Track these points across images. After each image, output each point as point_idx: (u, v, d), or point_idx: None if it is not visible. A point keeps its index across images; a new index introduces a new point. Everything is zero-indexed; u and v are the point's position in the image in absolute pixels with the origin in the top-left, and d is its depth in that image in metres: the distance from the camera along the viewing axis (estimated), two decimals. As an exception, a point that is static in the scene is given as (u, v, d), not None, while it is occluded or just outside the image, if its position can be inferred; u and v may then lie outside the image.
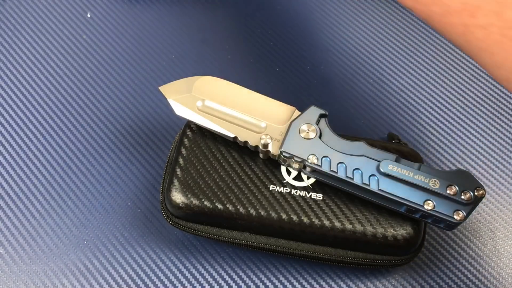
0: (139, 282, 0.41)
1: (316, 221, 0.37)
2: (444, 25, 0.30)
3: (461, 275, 0.41)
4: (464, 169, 0.42)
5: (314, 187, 0.38)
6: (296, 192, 0.38)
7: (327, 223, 0.37)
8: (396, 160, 0.36)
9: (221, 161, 0.39)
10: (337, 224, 0.37)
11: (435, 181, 0.35)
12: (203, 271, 0.42)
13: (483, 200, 0.44)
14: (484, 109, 0.49)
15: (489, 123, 0.48)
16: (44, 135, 0.47)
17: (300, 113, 0.39)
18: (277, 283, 0.41)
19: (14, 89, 0.50)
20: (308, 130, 0.37)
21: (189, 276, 0.41)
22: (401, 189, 0.35)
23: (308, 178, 0.39)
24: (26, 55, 0.52)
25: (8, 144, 0.47)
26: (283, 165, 0.39)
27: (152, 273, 0.41)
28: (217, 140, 0.40)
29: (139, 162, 0.46)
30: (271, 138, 0.38)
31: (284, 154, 0.37)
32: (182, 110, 0.40)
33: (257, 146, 0.38)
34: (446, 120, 0.48)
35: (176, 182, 0.38)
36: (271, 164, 0.39)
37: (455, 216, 0.35)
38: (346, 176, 0.36)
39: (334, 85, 0.50)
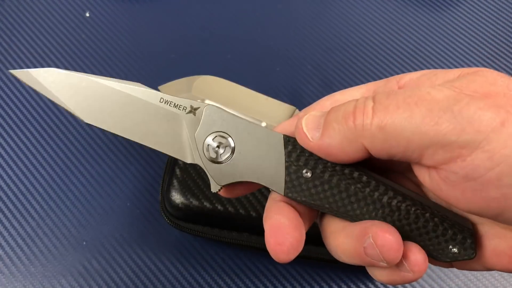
0: (138, 283, 0.41)
1: (317, 221, 0.37)
2: None
3: (462, 276, 0.41)
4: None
5: (314, 188, 0.38)
6: (297, 192, 0.38)
7: (327, 223, 0.37)
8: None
9: (221, 161, 0.39)
10: (338, 224, 0.37)
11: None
12: (202, 272, 0.41)
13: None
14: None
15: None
16: (43, 135, 0.47)
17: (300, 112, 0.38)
18: (277, 284, 0.41)
19: (13, 89, 0.49)
20: (308, 130, 0.37)
21: (189, 277, 0.41)
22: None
23: (309, 178, 0.38)
24: (25, 55, 0.51)
25: (7, 145, 0.47)
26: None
27: (152, 274, 0.41)
28: (217, 140, 0.40)
29: (138, 163, 0.46)
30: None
31: (284, 154, 0.37)
32: (182, 110, 0.39)
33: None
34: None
35: (175, 182, 0.38)
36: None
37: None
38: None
39: (335, 85, 0.50)
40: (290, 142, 0.23)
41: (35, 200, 0.44)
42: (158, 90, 0.41)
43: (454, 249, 0.22)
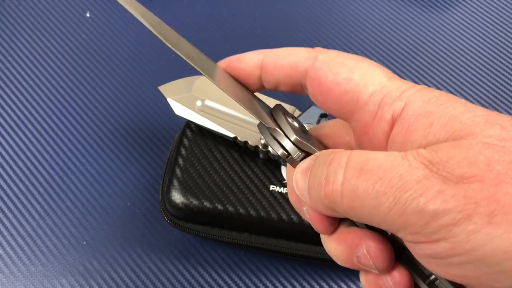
0: (138, 283, 0.41)
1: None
2: None
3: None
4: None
5: (314, 188, 0.38)
6: (297, 192, 0.38)
7: (327, 223, 0.37)
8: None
9: (221, 161, 0.39)
10: (338, 224, 0.37)
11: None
12: (203, 272, 0.41)
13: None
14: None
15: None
16: (43, 135, 0.47)
17: (300, 112, 0.38)
18: (277, 284, 0.41)
19: (13, 88, 0.49)
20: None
21: (189, 277, 0.41)
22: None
23: (309, 178, 0.38)
24: (25, 55, 0.51)
25: (7, 144, 0.47)
26: (283, 165, 0.39)
27: (152, 274, 0.41)
28: (217, 140, 0.40)
29: (139, 163, 0.46)
30: (271, 138, 0.38)
31: (284, 154, 0.37)
32: (182, 110, 0.39)
33: (257, 146, 0.38)
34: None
35: (175, 182, 0.38)
36: (271, 164, 0.39)
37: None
38: (347, 176, 0.36)
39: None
40: None
41: (35, 200, 0.44)
42: (158, 90, 0.41)
43: None
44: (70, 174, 0.45)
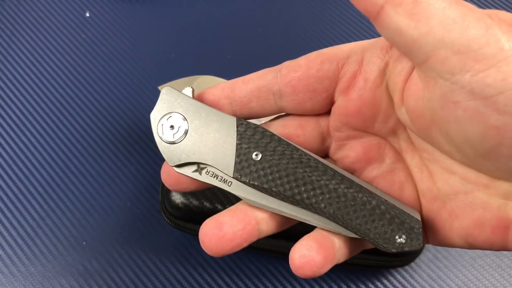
0: (138, 283, 0.41)
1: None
2: None
3: (462, 276, 0.41)
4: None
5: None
6: (297, 192, 0.38)
7: (327, 223, 0.37)
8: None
9: (221, 162, 0.39)
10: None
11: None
12: (202, 272, 0.41)
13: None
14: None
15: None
16: (43, 135, 0.47)
17: None
18: (277, 285, 0.41)
19: (12, 88, 0.49)
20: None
21: (189, 277, 0.41)
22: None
23: (309, 178, 0.38)
24: (25, 55, 0.51)
25: (7, 144, 0.47)
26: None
27: (152, 274, 0.41)
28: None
29: (138, 163, 0.46)
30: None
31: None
32: (182, 110, 0.39)
33: (257, 146, 0.38)
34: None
35: (175, 182, 0.38)
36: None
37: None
38: (347, 176, 0.35)
39: (335, 85, 0.50)
40: (242, 124, 0.23)
41: (35, 200, 0.44)
42: (158, 90, 0.41)
43: (401, 239, 0.22)
44: (70, 175, 0.45)
